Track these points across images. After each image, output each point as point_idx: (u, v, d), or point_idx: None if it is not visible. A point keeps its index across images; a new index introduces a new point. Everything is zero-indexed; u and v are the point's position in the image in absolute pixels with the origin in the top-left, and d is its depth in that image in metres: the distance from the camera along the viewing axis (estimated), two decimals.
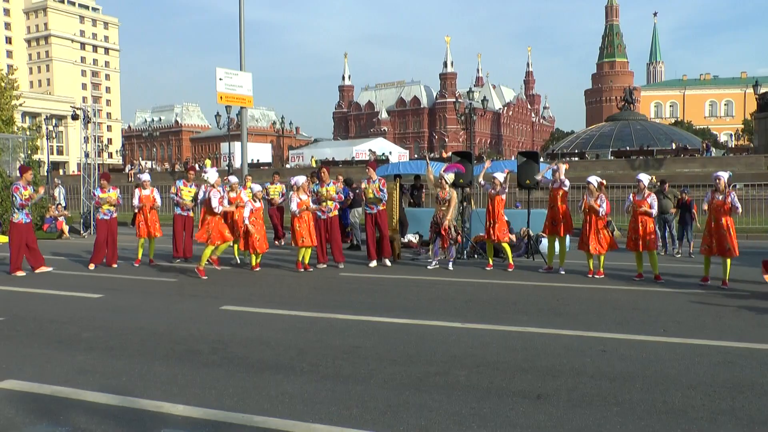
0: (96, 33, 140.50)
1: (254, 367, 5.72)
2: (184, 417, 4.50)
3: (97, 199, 12.68)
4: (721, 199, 9.93)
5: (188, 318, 7.91)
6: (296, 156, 75.21)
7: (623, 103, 74.42)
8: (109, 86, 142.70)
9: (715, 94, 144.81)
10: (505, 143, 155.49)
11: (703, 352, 6.19)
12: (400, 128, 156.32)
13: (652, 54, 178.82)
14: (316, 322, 7.65)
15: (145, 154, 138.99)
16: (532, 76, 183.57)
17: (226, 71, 23.87)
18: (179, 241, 13.24)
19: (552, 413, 4.53)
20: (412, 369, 5.61)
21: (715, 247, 10.01)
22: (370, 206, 12.62)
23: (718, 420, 4.39)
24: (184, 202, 13.21)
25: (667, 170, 34.47)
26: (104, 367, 5.72)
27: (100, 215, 12.77)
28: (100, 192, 12.76)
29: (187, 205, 13.25)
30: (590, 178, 11.32)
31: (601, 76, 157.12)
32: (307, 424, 4.32)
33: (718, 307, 8.40)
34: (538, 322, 7.44)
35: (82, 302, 9.02)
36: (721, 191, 10.00)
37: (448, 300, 9.13)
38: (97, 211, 12.94)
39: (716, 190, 10.08)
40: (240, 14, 22.93)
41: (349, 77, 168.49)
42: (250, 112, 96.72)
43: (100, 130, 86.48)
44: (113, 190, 12.91)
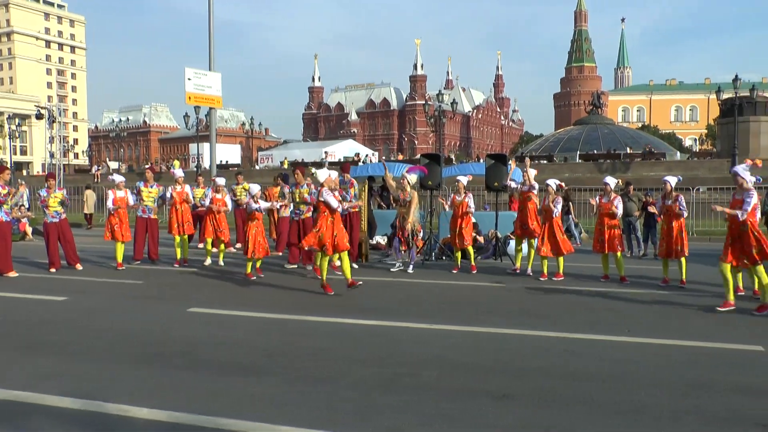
0: (61, 31, 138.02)
1: (222, 370, 5.67)
2: (150, 420, 4.45)
3: (43, 198, 12.32)
4: (669, 204, 10.21)
5: (155, 321, 7.82)
6: (265, 157, 74.69)
7: (591, 107, 75.35)
8: (75, 85, 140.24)
9: (681, 100, 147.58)
10: (475, 146, 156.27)
11: (668, 351, 6.30)
12: (370, 130, 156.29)
13: (620, 59, 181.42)
14: (284, 324, 7.62)
15: (112, 154, 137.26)
16: (501, 79, 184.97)
17: (195, 71, 23.64)
18: (141, 243, 13.04)
19: (520, 413, 4.57)
20: (381, 370, 5.61)
21: (665, 249, 10.28)
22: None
23: (681, 418, 4.47)
24: (145, 203, 12.97)
25: (634, 173, 34.97)
26: (68, 372, 5.63)
27: (48, 218, 12.31)
28: (46, 192, 12.32)
29: (149, 206, 13.01)
30: (549, 180, 11.44)
31: (569, 80, 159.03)
32: (275, 426, 4.30)
33: (681, 307, 8.55)
34: (507, 324, 7.50)
35: (46, 305, 8.86)
36: (668, 195, 10.28)
37: (417, 301, 9.15)
38: (45, 214, 12.44)
39: (665, 195, 10.36)
40: (209, 14, 22.74)
41: (319, 78, 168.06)
42: (219, 113, 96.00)
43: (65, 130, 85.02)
44: (60, 191, 12.61)
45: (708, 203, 15.14)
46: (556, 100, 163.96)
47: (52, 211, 12.28)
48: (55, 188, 12.48)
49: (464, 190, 12.23)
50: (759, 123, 39.31)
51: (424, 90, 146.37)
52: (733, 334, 7.03)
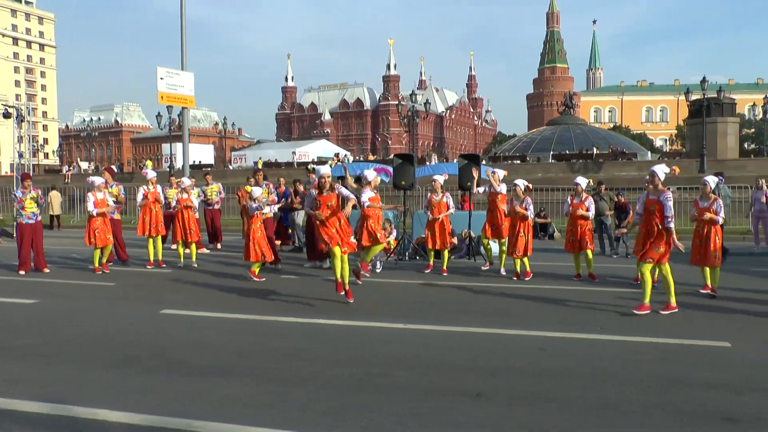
0: (30, 28, 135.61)
1: (194, 372, 5.64)
2: (122, 423, 4.41)
3: (20, 199, 12.12)
4: None
5: (127, 323, 7.75)
6: (239, 157, 74.29)
7: (564, 107, 76.05)
8: (44, 84, 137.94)
9: (651, 101, 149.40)
10: (448, 146, 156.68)
11: (637, 348, 6.40)
12: (344, 130, 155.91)
13: (592, 60, 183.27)
14: (257, 325, 7.60)
15: (83, 154, 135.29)
16: (474, 80, 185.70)
17: (167, 71, 23.43)
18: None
19: (492, 411, 4.61)
20: (353, 370, 5.63)
21: None
22: None
23: (651, 413, 4.55)
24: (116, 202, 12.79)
25: (606, 173, 35.36)
26: (38, 376, 5.55)
27: (24, 219, 12.16)
28: (21, 193, 12.18)
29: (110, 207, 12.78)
30: (517, 181, 11.44)
31: (542, 81, 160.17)
32: (248, 428, 4.29)
33: (651, 304, 8.66)
34: (480, 323, 7.55)
35: (15, 308, 8.73)
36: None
37: (390, 301, 9.18)
38: (20, 215, 12.29)
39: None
40: (181, 13, 22.56)
41: (293, 78, 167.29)
42: (192, 113, 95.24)
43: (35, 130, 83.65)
44: (34, 191, 12.43)
45: (678, 203, 15.36)
46: (529, 100, 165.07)
47: (29, 212, 12.12)
48: (30, 189, 12.30)
49: (441, 190, 12.10)
50: (726, 124, 40.07)
51: (397, 90, 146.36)
52: (702, 331, 7.17)
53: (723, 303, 8.75)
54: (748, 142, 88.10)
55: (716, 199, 9.40)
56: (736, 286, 10.00)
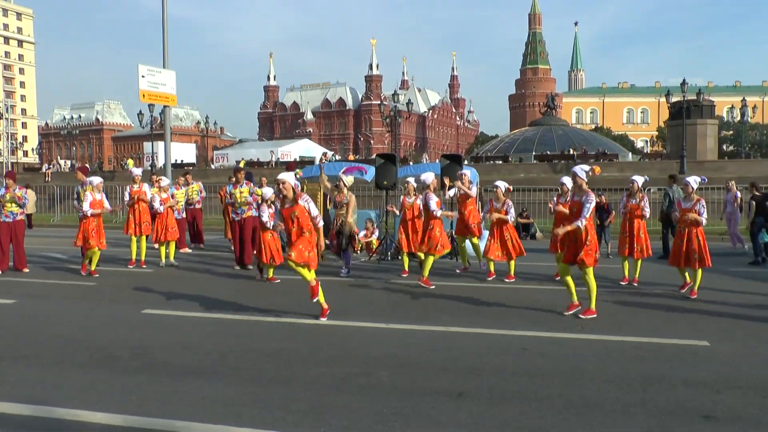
0: (8, 24, 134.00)
1: (175, 372, 5.62)
2: (104, 425, 4.38)
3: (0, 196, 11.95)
4: (635, 203, 10.42)
5: (108, 323, 7.69)
6: (221, 156, 73.90)
7: (546, 108, 76.42)
8: (23, 81, 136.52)
9: (632, 102, 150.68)
10: (430, 146, 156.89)
11: (617, 347, 6.47)
12: (326, 129, 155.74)
13: (574, 62, 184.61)
14: (238, 325, 7.58)
15: (64, 153, 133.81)
16: (457, 80, 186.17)
17: (148, 68, 23.25)
18: None
19: (473, 410, 4.64)
20: (335, 370, 5.63)
21: (627, 248, 10.47)
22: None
23: (630, 411, 4.60)
24: None
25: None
26: (16, 377, 5.50)
27: (2, 218, 11.98)
28: (4, 191, 12.03)
29: None
30: (498, 182, 11.34)
31: (524, 81, 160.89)
32: (231, 428, 4.28)
33: (632, 305, 8.76)
34: (461, 322, 7.58)
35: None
36: (634, 195, 10.49)
37: (372, 301, 9.19)
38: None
39: (630, 194, 10.56)
40: (163, 11, 22.42)
41: (275, 77, 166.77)
42: (174, 111, 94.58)
43: (14, 127, 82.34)
44: (19, 190, 12.27)
45: (659, 203, 15.49)
46: (511, 101, 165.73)
47: (7, 210, 11.97)
48: (14, 188, 12.14)
49: (414, 192, 11.37)
50: (705, 126, 40.58)
51: (379, 90, 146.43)
52: (681, 330, 7.25)
53: (702, 303, 8.85)
54: (727, 144, 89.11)
55: (699, 200, 9.37)
56: (715, 286, 10.11)
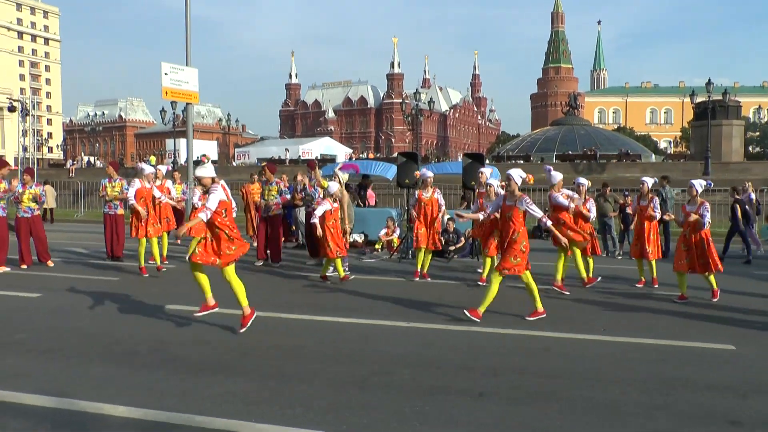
0: (35, 22, 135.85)
1: (195, 368, 5.64)
2: (125, 418, 4.42)
3: (17, 194, 12.10)
4: (644, 204, 10.30)
5: (129, 318, 7.75)
6: (242, 154, 74.39)
7: (568, 108, 75.95)
8: (49, 78, 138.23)
9: (656, 102, 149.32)
10: (452, 145, 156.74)
11: (639, 350, 6.39)
12: (347, 128, 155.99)
13: (596, 61, 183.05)
14: (259, 322, 7.58)
15: (87, 149, 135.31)
16: (478, 79, 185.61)
17: (171, 66, 23.40)
18: (109, 240, 12.84)
19: (494, 411, 4.61)
20: (355, 368, 5.63)
21: (640, 250, 10.32)
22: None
23: (653, 415, 4.54)
24: (111, 197, 12.72)
25: (610, 174, 35.30)
26: (40, 370, 5.56)
27: (20, 213, 12.14)
28: (22, 188, 12.13)
29: (114, 202, 12.73)
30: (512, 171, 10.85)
31: (546, 81, 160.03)
32: (250, 424, 4.29)
33: (652, 307, 8.66)
34: (482, 322, 7.53)
35: (18, 302, 8.74)
36: (644, 196, 10.36)
37: (392, 299, 9.16)
38: (17, 209, 12.22)
39: (641, 196, 10.44)
40: (186, 9, 22.56)
41: (296, 76, 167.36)
42: (196, 109, 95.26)
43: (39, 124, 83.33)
44: (36, 186, 12.40)
45: (681, 204, 15.29)
46: (533, 100, 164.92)
47: (25, 206, 12.11)
48: (31, 184, 12.30)
49: (431, 186, 11.00)
50: (731, 126, 40.05)
51: (401, 88, 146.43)
52: (705, 333, 7.15)
53: (727, 306, 8.72)
54: (753, 145, 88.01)
55: (703, 203, 9.09)
56: (738, 289, 9.98)
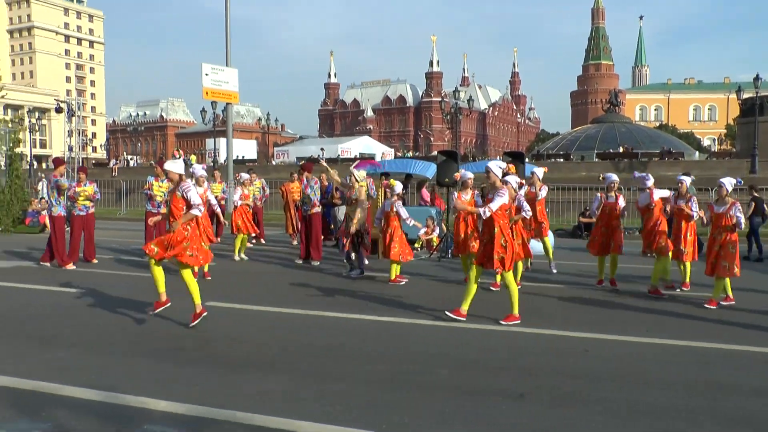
0: (80, 25, 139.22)
1: (236, 365, 5.71)
2: (168, 413, 4.49)
3: (73, 192, 12.39)
4: (682, 204, 9.69)
5: (171, 314, 7.87)
6: (281, 153, 75.00)
7: (609, 105, 74.76)
8: (93, 80, 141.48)
9: (699, 99, 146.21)
10: (491, 143, 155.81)
11: (682, 352, 6.27)
12: (386, 127, 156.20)
13: (638, 57, 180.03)
14: (299, 320, 7.65)
15: (129, 148, 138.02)
16: (518, 76, 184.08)
17: (212, 67, 23.72)
18: (150, 237, 13.03)
19: (533, 412, 4.57)
20: (394, 367, 5.63)
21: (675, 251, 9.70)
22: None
23: (697, 419, 4.45)
24: (156, 196, 12.93)
25: (652, 173, 34.62)
26: (85, 364, 5.70)
27: (76, 211, 12.37)
28: (76, 186, 12.46)
29: (158, 200, 12.96)
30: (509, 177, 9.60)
31: (586, 78, 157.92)
32: (290, 421, 4.32)
33: (696, 309, 8.47)
34: (520, 322, 7.47)
35: (64, 298, 8.95)
36: (682, 195, 9.80)
37: (431, 298, 9.14)
38: (73, 207, 12.48)
39: (679, 195, 9.83)
40: (226, 10, 22.82)
41: (335, 75, 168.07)
42: (236, 109, 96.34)
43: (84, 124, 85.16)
44: (90, 185, 12.67)
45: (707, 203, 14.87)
46: (573, 98, 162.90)
47: (80, 204, 12.41)
48: (85, 182, 12.59)
49: (471, 187, 10.40)
50: None
51: (440, 87, 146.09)
52: (749, 336, 6.98)
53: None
54: None
55: (734, 203, 8.56)
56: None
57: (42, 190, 24.26)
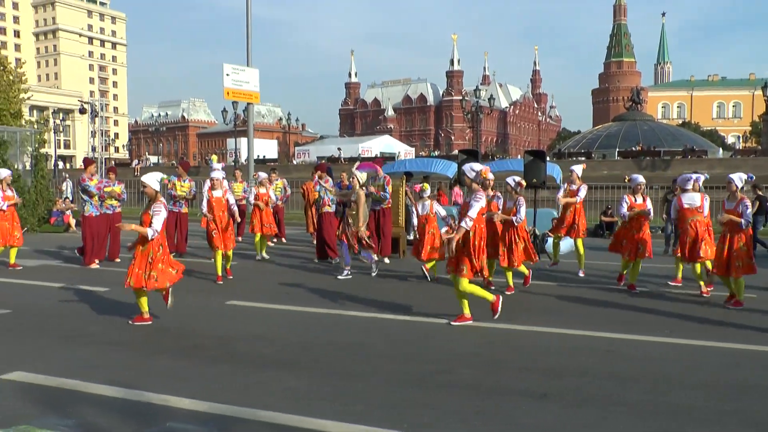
0: (103, 27, 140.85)
1: (258, 363, 5.74)
2: (190, 411, 4.52)
3: (102, 192, 12.51)
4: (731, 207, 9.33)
5: (193, 313, 7.94)
6: (302, 152, 75.30)
7: (630, 103, 74.17)
8: (116, 81, 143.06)
9: (723, 96, 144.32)
10: (512, 142, 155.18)
11: (707, 353, 6.18)
12: (407, 126, 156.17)
13: (660, 54, 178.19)
14: (320, 319, 7.67)
15: (151, 148, 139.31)
16: (539, 75, 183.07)
17: (233, 67, 23.83)
18: (171, 237, 13.14)
19: (556, 412, 4.53)
20: (416, 366, 5.62)
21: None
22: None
23: (723, 421, 4.38)
24: (179, 196, 13.04)
25: (675, 171, 34.31)
26: (109, 361, 5.76)
27: (102, 210, 12.48)
28: (105, 186, 12.55)
29: (180, 200, 13.06)
30: (509, 178, 9.76)
31: (608, 75, 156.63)
32: (312, 419, 4.33)
33: (722, 309, 8.37)
34: (543, 322, 7.43)
35: (88, 296, 9.04)
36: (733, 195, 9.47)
37: (452, 298, 9.11)
38: (100, 206, 12.55)
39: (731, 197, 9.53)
40: (247, 11, 22.92)
41: (356, 74, 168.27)
42: (257, 108, 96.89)
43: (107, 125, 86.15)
44: (118, 185, 12.80)
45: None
46: (595, 96, 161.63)
47: (108, 203, 12.52)
48: (114, 182, 12.73)
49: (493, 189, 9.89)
50: None
51: (460, 86, 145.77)
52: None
53: None
54: None
55: (743, 199, 8.23)
56: None
57: (66, 190, 24.60)
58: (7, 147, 19.64)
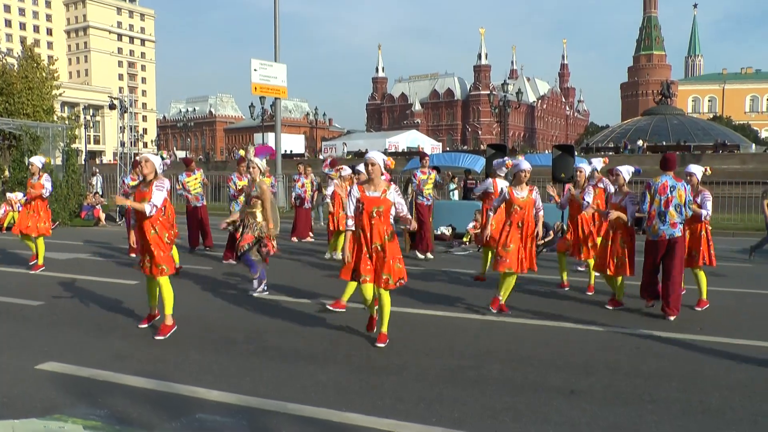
0: (133, 24, 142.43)
1: (288, 357, 5.77)
2: (220, 402, 4.56)
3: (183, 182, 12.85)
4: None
5: (223, 307, 8.00)
6: (329, 147, 75.48)
7: (660, 97, 73.27)
8: (144, 77, 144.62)
9: (757, 89, 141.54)
10: (539, 136, 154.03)
11: (741, 352, 6.06)
12: (434, 120, 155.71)
13: (691, 47, 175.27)
14: (349, 313, 7.66)
15: (179, 144, 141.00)
16: (567, 68, 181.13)
17: (261, 62, 23.92)
18: (195, 232, 13.22)
19: (586, 409, 4.49)
20: (445, 362, 5.61)
21: None
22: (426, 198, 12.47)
23: (759, 422, 4.31)
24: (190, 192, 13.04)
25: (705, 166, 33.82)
26: (141, 353, 5.83)
27: (193, 202, 12.93)
28: (185, 176, 12.91)
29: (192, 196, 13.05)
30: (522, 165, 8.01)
31: (637, 69, 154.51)
32: (340, 413, 4.35)
33: (753, 307, 8.22)
34: (572, 318, 7.36)
35: (119, 289, 9.15)
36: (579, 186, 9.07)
37: (480, 293, 9.07)
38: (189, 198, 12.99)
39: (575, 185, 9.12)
40: (275, 6, 22.98)
41: (383, 69, 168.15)
42: (284, 103, 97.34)
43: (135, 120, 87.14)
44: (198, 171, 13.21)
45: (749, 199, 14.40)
46: (623, 89, 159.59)
47: (194, 194, 12.94)
48: (194, 170, 13.11)
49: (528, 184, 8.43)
50: None
51: (488, 80, 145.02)
52: None
53: None
54: None
55: (629, 194, 7.84)
56: None
57: (96, 185, 24.93)
58: (40, 142, 19.99)
